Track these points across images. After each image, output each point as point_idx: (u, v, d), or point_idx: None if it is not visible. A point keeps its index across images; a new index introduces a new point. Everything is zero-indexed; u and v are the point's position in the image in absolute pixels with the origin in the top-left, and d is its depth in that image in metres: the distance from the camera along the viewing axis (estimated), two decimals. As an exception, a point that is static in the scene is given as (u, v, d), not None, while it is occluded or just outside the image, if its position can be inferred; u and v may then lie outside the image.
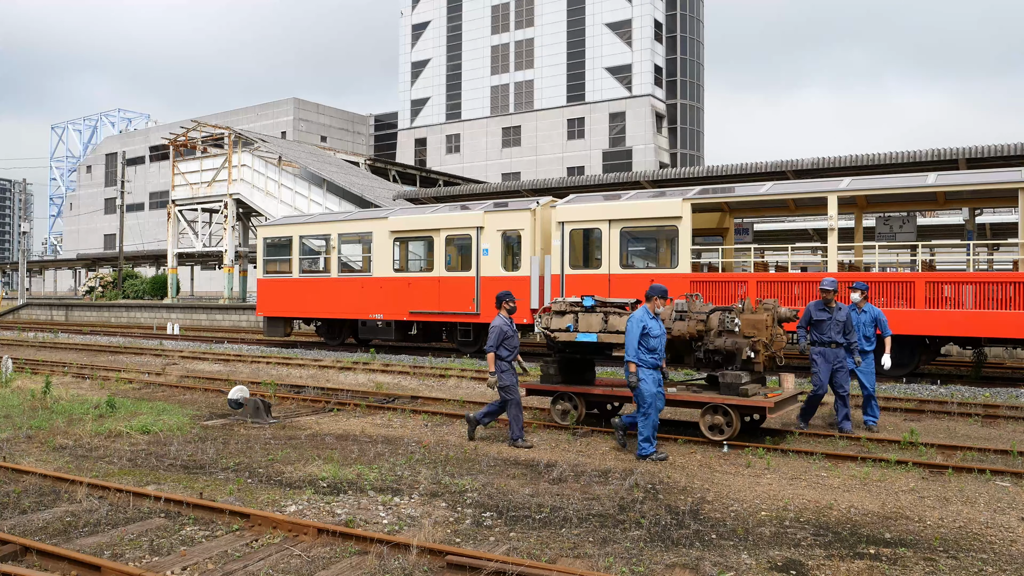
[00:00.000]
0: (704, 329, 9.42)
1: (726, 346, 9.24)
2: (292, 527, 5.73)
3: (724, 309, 9.47)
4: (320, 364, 17.62)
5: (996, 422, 10.77)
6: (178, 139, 40.67)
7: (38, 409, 11.42)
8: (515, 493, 7.02)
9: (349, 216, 22.42)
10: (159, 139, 68.22)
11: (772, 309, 9.44)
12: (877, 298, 14.39)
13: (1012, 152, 18.02)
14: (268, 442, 9.34)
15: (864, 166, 19.93)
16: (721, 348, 9.27)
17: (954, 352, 19.47)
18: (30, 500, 6.74)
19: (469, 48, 73.36)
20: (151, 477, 7.61)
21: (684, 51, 67.73)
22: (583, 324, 9.82)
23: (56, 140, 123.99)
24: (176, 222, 40.66)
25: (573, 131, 67.60)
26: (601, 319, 9.73)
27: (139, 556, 5.35)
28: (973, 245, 15.49)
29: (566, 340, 9.95)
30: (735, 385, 9.03)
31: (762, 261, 17.60)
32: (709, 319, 9.41)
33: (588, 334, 9.75)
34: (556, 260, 17.52)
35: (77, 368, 17.55)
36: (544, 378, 10.42)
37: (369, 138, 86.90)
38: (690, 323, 9.47)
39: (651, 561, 5.27)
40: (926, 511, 6.50)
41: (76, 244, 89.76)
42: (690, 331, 9.40)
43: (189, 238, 41.41)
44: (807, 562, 5.28)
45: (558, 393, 10.23)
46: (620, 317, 9.63)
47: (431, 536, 5.75)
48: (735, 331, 9.23)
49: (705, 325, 9.42)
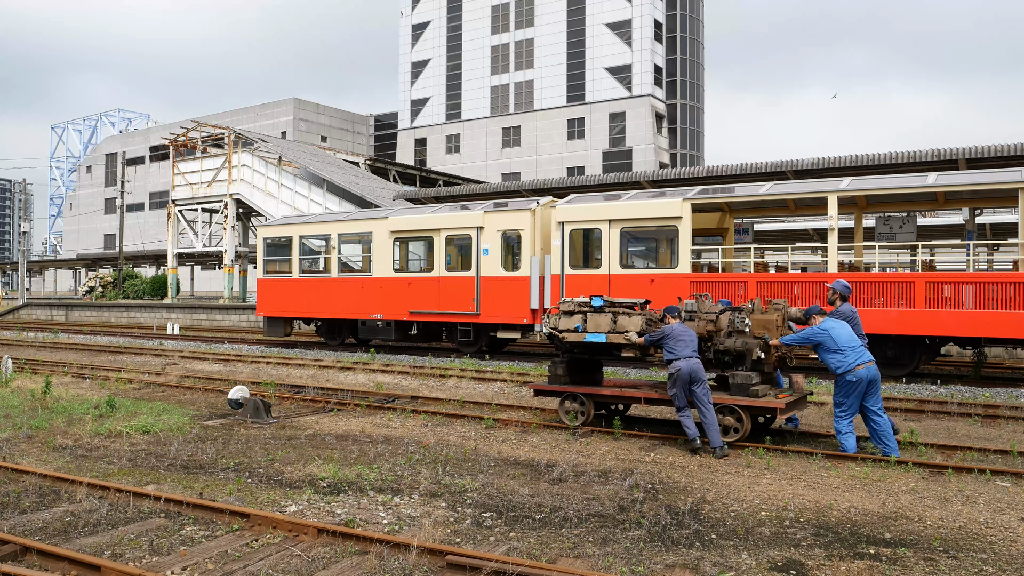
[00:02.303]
0: (714, 329, 9.34)
1: (736, 347, 9.16)
2: (292, 527, 5.73)
3: (734, 309, 9.40)
4: (320, 364, 17.62)
5: (996, 422, 10.77)
6: (178, 139, 40.67)
7: (38, 409, 11.42)
8: (515, 493, 7.02)
9: (349, 216, 22.42)
10: (159, 139, 68.22)
11: (783, 309, 9.40)
12: (877, 298, 14.40)
13: (1012, 152, 18.01)
14: (268, 442, 9.34)
15: (864, 166, 19.92)
16: (731, 349, 9.20)
17: (954, 352, 19.47)
18: (30, 500, 6.74)
19: (469, 48, 73.35)
20: (151, 477, 7.61)
21: (684, 51, 67.72)
22: (592, 324, 9.74)
23: (56, 140, 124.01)
24: (176, 222, 40.66)
25: (573, 131, 67.59)
26: (610, 319, 9.63)
27: (139, 556, 5.35)
28: (973, 245, 15.49)
29: (574, 340, 9.85)
30: (746, 386, 8.97)
31: (762, 261, 17.59)
32: (719, 319, 9.34)
33: (597, 334, 9.66)
34: (556, 260, 17.52)
35: (77, 368, 17.55)
36: (552, 379, 10.37)
37: (369, 138, 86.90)
38: (700, 323, 9.40)
39: (651, 561, 5.27)
40: (926, 511, 6.50)
41: (76, 244, 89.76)
42: (700, 331, 9.34)
43: (189, 238, 41.39)
44: (807, 562, 5.28)
45: (567, 394, 10.17)
46: (629, 318, 9.56)
47: (431, 536, 5.75)
48: (745, 331, 9.16)
49: (715, 325, 9.34)
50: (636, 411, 11.17)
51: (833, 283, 9.80)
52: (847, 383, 8.44)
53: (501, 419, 10.59)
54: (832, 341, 8.53)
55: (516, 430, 10.10)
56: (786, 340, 9.03)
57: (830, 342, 8.54)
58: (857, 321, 9.39)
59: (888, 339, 14.91)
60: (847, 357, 8.46)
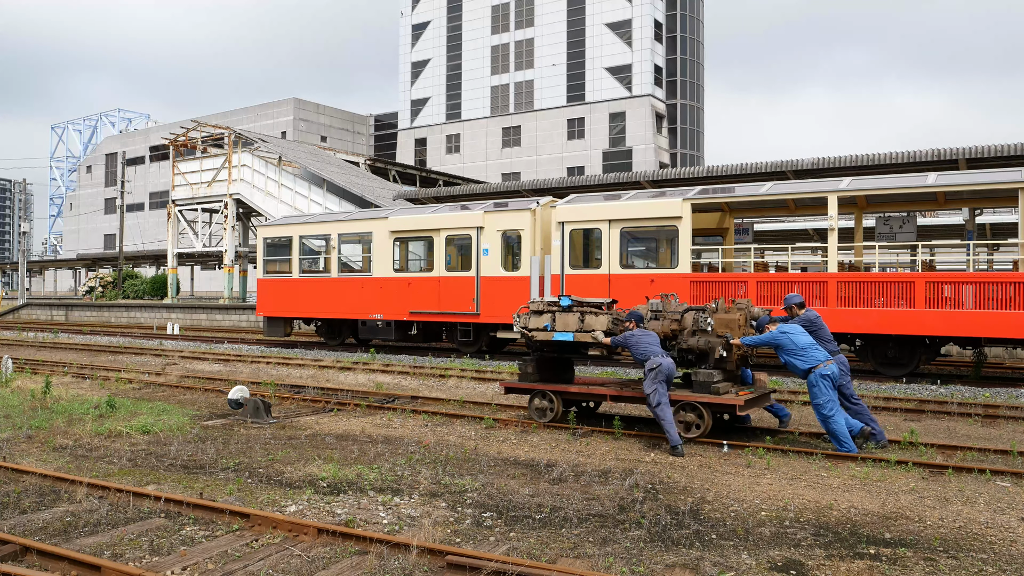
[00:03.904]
0: (679, 328, 9.67)
1: (699, 345, 9.47)
2: (292, 527, 5.73)
3: (698, 309, 9.71)
4: (320, 364, 17.62)
5: (996, 422, 10.77)
6: (178, 139, 40.67)
7: (38, 409, 11.42)
8: (515, 493, 7.02)
9: (349, 216, 22.42)
10: (159, 139, 68.22)
11: (745, 309, 9.65)
12: (877, 298, 14.40)
13: (1012, 152, 18.01)
14: (268, 442, 9.34)
15: (864, 166, 19.92)
16: (695, 347, 9.51)
17: (954, 352, 19.47)
18: (30, 500, 6.74)
19: (469, 48, 73.36)
20: (151, 477, 7.61)
21: (684, 51, 67.72)
22: (560, 324, 10.03)
23: (56, 140, 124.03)
24: (176, 222, 40.66)
25: (573, 131, 67.59)
26: (578, 319, 9.94)
27: (139, 556, 5.35)
28: (973, 245, 15.49)
29: (543, 339, 10.18)
30: (707, 383, 9.24)
31: (762, 261, 17.59)
32: (684, 318, 9.66)
33: (565, 333, 9.96)
34: (556, 260, 17.52)
35: (77, 368, 17.55)
36: (522, 376, 10.66)
37: (369, 138, 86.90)
38: (664, 322, 9.72)
39: (651, 561, 5.27)
40: (926, 511, 6.50)
41: (76, 244, 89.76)
42: (664, 330, 9.67)
43: (189, 238, 41.39)
44: (807, 562, 5.28)
45: (536, 391, 10.44)
46: (596, 317, 9.88)
47: (431, 536, 5.75)
48: (708, 330, 9.44)
49: (680, 324, 9.67)
50: (607, 408, 11.40)
51: (785, 299, 9.93)
52: (822, 378, 8.60)
53: (501, 419, 10.59)
54: (792, 343, 8.83)
55: (516, 430, 10.10)
56: (747, 341, 9.22)
57: (790, 344, 8.82)
58: (821, 324, 9.47)
59: (888, 339, 14.91)
60: (810, 355, 8.73)
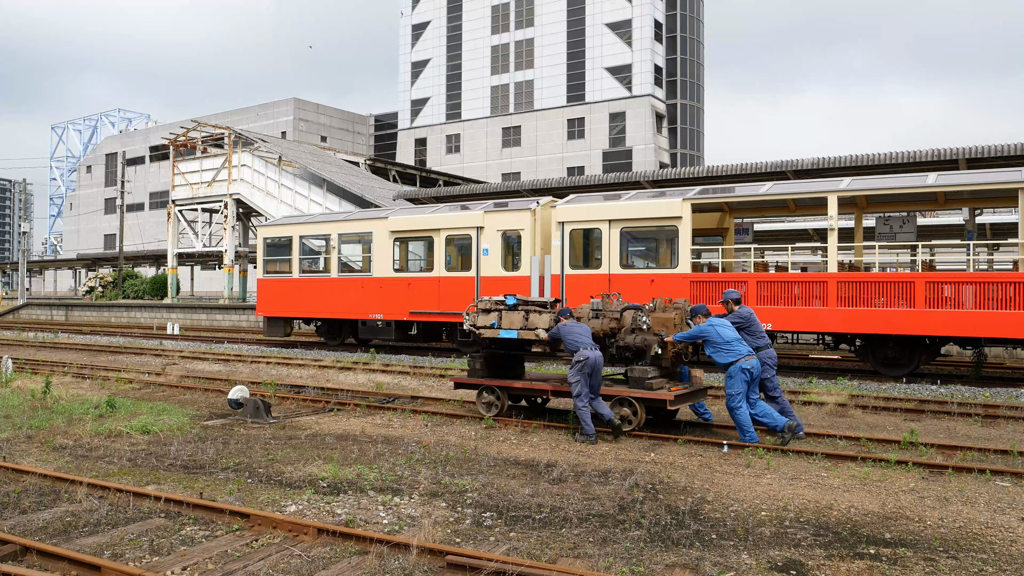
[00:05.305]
0: (617, 327, 10.05)
1: (636, 343, 9.89)
2: (292, 527, 5.73)
3: (636, 308, 10.11)
4: (320, 364, 17.61)
5: (996, 422, 10.77)
6: (178, 139, 40.67)
7: (38, 409, 11.41)
8: (515, 493, 7.02)
9: (349, 216, 22.42)
10: (159, 139, 68.20)
11: (682, 308, 10.05)
12: (877, 298, 14.40)
13: (1012, 152, 18.02)
14: (268, 442, 9.34)
15: (864, 166, 19.92)
16: (631, 344, 9.93)
17: (954, 352, 19.47)
18: (30, 500, 6.74)
19: (469, 48, 73.35)
20: (151, 477, 7.61)
21: (684, 51, 67.73)
22: (506, 321, 10.48)
23: (56, 140, 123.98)
24: (176, 222, 40.66)
25: (573, 131, 67.60)
26: (523, 317, 10.37)
27: (139, 556, 5.35)
28: (973, 245, 15.49)
29: (490, 336, 10.63)
30: (642, 379, 9.64)
31: (762, 261, 17.59)
32: (623, 317, 10.05)
33: (510, 331, 10.42)
34: (556, 260, 17.52)
35: (77, 368, 17.55)
36: (471, 372, 11.04)
37: (369, 138, 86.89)
38: (604, 321, 10.11)
39: (651, 561, 5.27)
40: (926, 511, 6.50)
41: (76, 244, 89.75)
42: (604, 328, 10.06)
43: (189, 238, 41.40)
44: (807, 562, 5.28)
45: (483, 386, 10.82)
46: (539, 315, 10.26)
47: (431, 536, 5.75)
48: (644, 329, 9.85)
49: (618, 323, 10.05)
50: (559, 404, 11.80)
51: (723, 294, 10.24)
52: (741, 371, 9.05)
53: (501, 419, 10.59)
54: (717, 335, 9.24)
55: (516, 430, 10.10)
56: (677, 337, 9.66)
57: (715, 336, 9.24)
58: (755, 320, 9.88)
59: (888, 339, 14.92)
60: (733, 349, 9.14)
